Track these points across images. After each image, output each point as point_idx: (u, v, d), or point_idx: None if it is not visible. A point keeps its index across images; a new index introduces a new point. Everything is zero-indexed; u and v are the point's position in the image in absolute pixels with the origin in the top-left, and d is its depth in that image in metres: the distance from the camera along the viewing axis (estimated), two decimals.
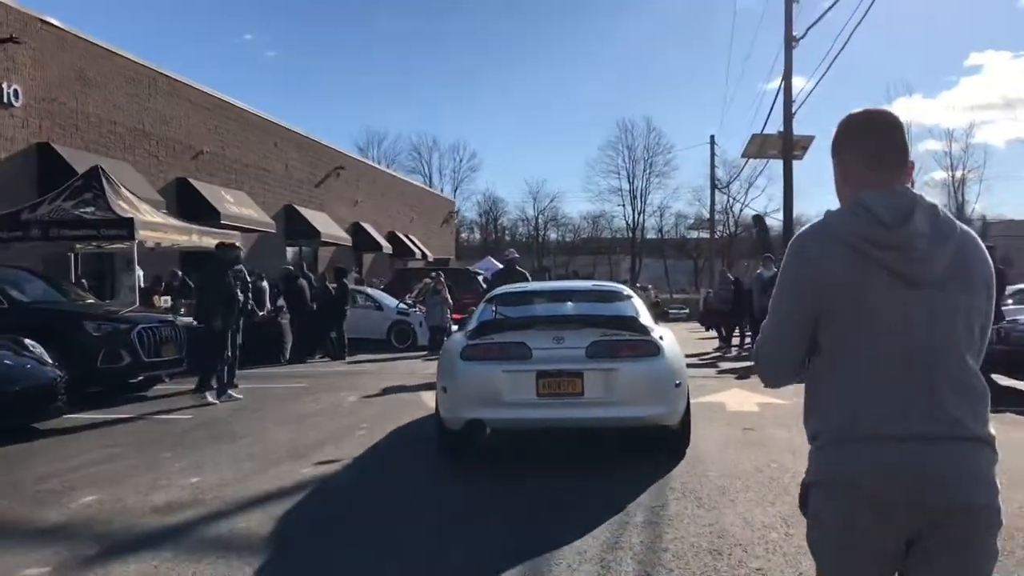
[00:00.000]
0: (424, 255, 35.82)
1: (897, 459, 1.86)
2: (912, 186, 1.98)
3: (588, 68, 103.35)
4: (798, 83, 19.77)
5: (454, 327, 18.20)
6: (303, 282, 16.83)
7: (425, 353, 17.39)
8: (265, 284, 15.93)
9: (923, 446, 1.85)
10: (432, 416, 7.42)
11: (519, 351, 6.39)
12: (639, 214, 72.81)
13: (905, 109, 60.33)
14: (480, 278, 25.74)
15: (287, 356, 15.89)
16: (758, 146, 20.42)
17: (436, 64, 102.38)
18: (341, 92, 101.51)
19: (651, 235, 74.57)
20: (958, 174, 62.21)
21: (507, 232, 79.10)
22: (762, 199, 61.92)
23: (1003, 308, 11.91)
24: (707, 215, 63.83)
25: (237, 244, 11.33)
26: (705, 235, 68.91)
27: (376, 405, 10.27)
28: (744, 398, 10.28)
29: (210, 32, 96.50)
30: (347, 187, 30.72)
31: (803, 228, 2.04)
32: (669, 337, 6.90)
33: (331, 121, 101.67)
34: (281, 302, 16.24)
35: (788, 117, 19.24)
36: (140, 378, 11.02)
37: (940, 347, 1.89)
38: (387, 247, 31.86)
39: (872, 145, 1.97)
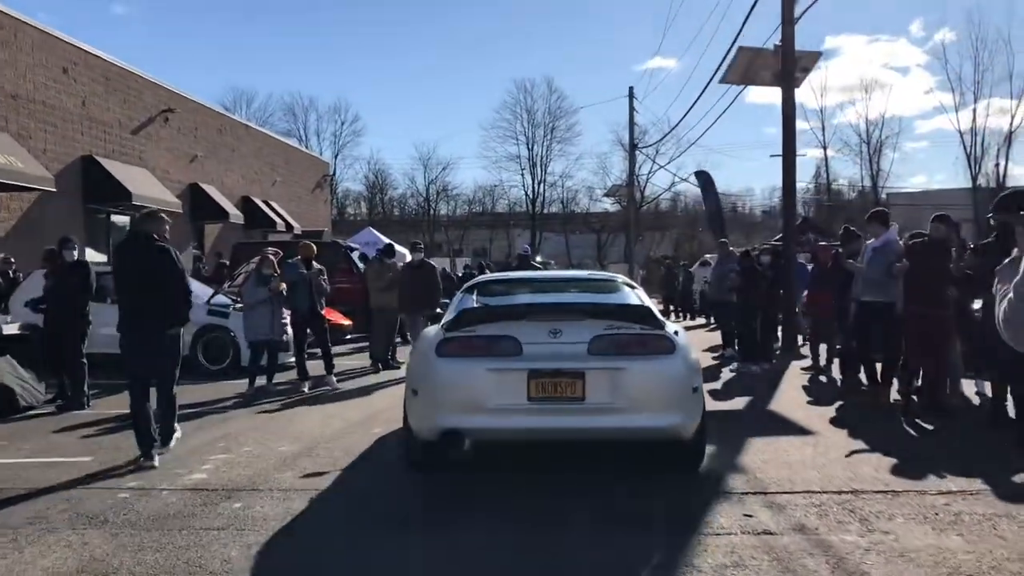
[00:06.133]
0: (290, 226, 28.89)
1: None
2: None
3: (484, 17, 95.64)
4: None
5: (288, 336, 10.49)
6: None
7: (243, 392, 9.98)
8: None
9: None
10: None
11: (507, 346, 5.45)
12: (539, 183, 66.98)
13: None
14: (356, 255, 19.29)
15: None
16: (745, 66, 14.30)
17: (309, 15, 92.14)
18: (202, 47, 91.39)
19: (554, 208, 68.73)
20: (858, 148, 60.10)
21: (395, 205, 72.23)
22: (670, 169, 57.27)
23: None
24: (613, 184, 58.97)
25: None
26: (609, 207, 64.24)
27: None
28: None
29: None
30: (181, 137, 23.57)
31: None
32: (683, 333, 5.92)
33: (192, 80, 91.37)
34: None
35: (789, 20, 13.42)
36: None
37: None
38: (236, 215, 24.73)
39: None
